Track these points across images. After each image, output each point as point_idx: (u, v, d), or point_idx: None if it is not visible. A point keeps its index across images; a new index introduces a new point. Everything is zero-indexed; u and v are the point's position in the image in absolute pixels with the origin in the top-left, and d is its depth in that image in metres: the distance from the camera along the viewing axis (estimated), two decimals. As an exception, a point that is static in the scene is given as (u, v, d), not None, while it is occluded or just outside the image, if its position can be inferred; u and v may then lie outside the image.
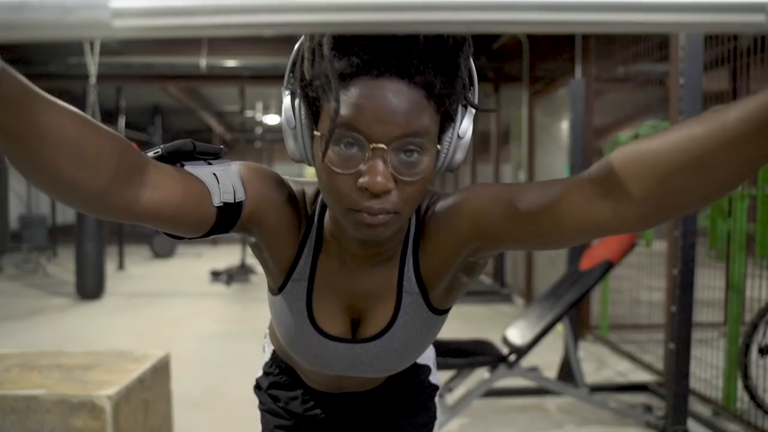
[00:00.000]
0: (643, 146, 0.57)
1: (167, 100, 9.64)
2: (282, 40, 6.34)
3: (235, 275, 7.05)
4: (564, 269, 4.11)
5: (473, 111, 0.70)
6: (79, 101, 6.13)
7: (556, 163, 5.21)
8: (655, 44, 3.47)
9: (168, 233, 0.69)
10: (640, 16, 0.36)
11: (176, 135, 13.39)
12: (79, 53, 5.76)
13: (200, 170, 0.67)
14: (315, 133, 0.67)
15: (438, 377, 1.07)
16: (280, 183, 0.76)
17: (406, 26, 0.36)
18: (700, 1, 0.36)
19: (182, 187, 0.64)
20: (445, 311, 0.83)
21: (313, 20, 0.36)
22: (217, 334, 4.56)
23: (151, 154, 0.66)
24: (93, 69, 5.54)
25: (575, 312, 3.37)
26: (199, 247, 11.78)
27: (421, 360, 1.03)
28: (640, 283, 4.38)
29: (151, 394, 2.09)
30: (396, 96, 0.61)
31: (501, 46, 6.22)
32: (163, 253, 9.91)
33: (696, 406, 2.93)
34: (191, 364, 3.69)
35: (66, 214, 11.13)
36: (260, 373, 1.06)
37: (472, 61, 0.69)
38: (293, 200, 0.78)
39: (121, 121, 8.03)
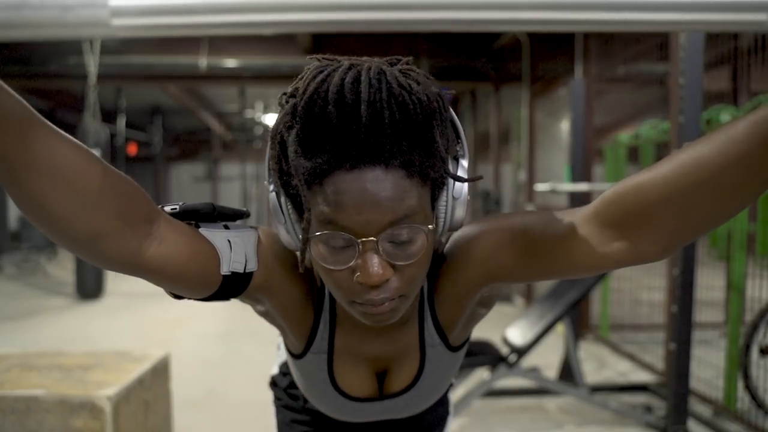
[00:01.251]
0: (647, 177, 0.56)
1: (167, 100, 9.64)
2: (282, 40, 6.34)
3: (235, 275, 7.05)
4: (564, 269, 4.11)
5: (465, 165, 0.66)
6: (79, 101, 6.13)
7: (556, 163, 5.21)
8: (655, 44, 3.47)
9: (168, 291, 0.67)
10: (640, 15, 0.36)
11: (176, 135, 13.40)
12: (79, 53, 5.76)
13: (215, 234, 0.65)
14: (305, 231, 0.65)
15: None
16: (294, 255, 0.74)
17: (406, 26, 0.36)
18: (701, 1, 0.36)
19: (190, 247, 0.62)
20: (464, 343, 0.84)
21: (313, 19, 0.36)
22: (217, 334, 4.56)
23: (167, 209, 0.64)
24: (93, 69, 5.54)
25: (575, 312, 3.37)
26: (199, 247, 11.79)
27: None
28: (640, 283, 4.38)
29: (150, 394, 2.09)
30: (375, 184, 0.57)
31: (501, 46, 6.22)
32: (163, 253, 9.91)
33: (696, 406, 2.93)
34: (191, 364, 3.69)
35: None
36: (276, 370, 1.05)
37: (453, 113, 0.64)
38: (307, 273, 0.76)
39: (121, 121, 8.03)
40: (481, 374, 2.92)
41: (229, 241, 0.66)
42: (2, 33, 0.35)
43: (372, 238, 0.59)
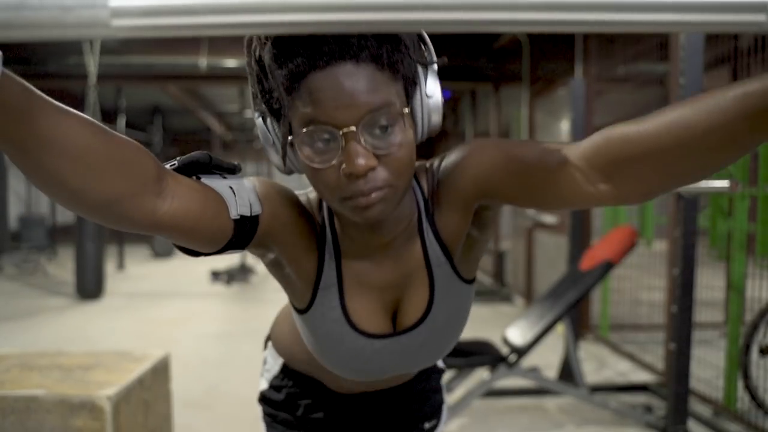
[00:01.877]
0: (636, 129, 0.59)
1: (167, 100, 9.64)
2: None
3: (235, 275, 7.05)
4: (564, 269, 4.11)
5: (435, 68, 0.70)
6: (79, 101, 6.13)
7: (556, 163, 5.20)
8: (655, 44, 3.47)
9: (182, 248, 0.68)
10: (640, 16, 0.36)
11: (176, 135, 13.39)
12: (79, 53, 5.76)
13: (216, 183, 0.67)
14: (289, 138, 0.67)
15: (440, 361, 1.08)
16: (292, 197, 0.77)
17: (406, 26, 0.36)
18: (700, 1, 0.36)
19: (200, 198, 0.63)
20: (472, 281, 0.83)
21: (313, 20, 0.36)
22: (217, 334, 4.56)
23: (167, 166, 0.65)
24: (93, 69, 5.54)
25: (575, 312, 3.38)
26: (199, 247, 11.78)
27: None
28: (640, 283, 4.38)
29: (151, 394, 2.09)
30: (348, 78, 0.61)
31: (501, 46, 6.22)
32: (163, 253, 9.91)
33: (696, 406, 2.93)
34: (191, 364, 3.69)
35: (66, 214, 11.13)
36: (265, 386, 1.03)
37: None
38: (305, 212, 0.78)
39: (121, 121, 8.03)
40: (481, 374, 2.92)
41: (231, 187, 0.68)
42: (2, 33, 0.35)
43: (352, 127, 0.62)
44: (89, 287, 5.85)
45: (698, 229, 2.26)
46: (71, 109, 0.52)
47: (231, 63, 6.28)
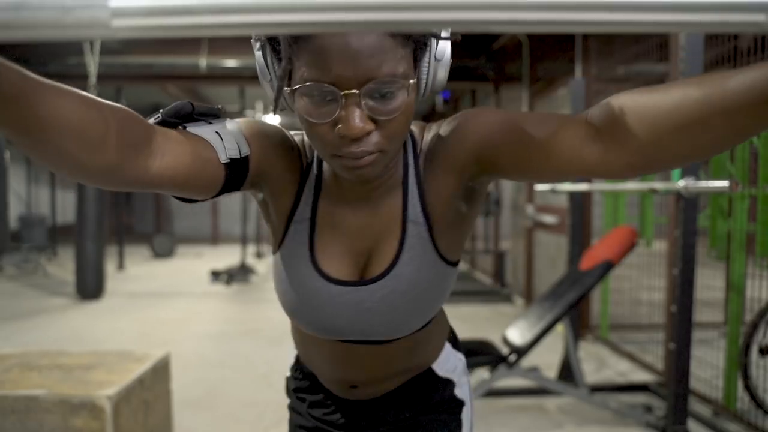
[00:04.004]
0: (643, 99, 0.59)
1: (167, 100, 9.63)
2: (282, 40, 6.34)
3: (235, 275, 7.05)
4: (564, 269, 4.11)
5: (446, 32, 0.69)
6: (79, 101, 6.11)
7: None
8: (655, 44, 3.47)
9: (181, 198, 0.70)
10: (640, 16, 0.36)
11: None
12: (79, 53, 5.76)
13: (202, 130, 0.69)
14: (288, 87, 0.68)
15: (467, 391, 0.99)
16: (281, 134, 0.77)
17: (406, 26, 0.36)
18: (700, 1, 0.36)
19: (189, 149, 0.65)
20: (452, 263, 0.80)
21: (313, 20, 0.36)
22: (217, 334, 4.56)
23: (151, 120, 0.67)
24: (93, 69, 5.54)
25: (575, 312, 3.37)
26: (199, 247, 11.79)
27: (442, 371, 0.95)
28: (640, 283, 4.38)
29: (151, 394, 2.09)
30: (359, 39, 0.60)
31: (501, 46, 6.22)
32: (163, 253, 9.91)
33: (696, 406, 2.93)
34: (191, 364, 3.69)
35: (66, 214, 11.13)
36: (289, 373, 1.05)
37: None
38: (294, 149, 0.78)
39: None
40: (481, 374, 2.92)
41: (217, 132, 0.69)
42: (2, 33, 0.35)
43: (354, 90, 0.62)
44: (89, 287, 5.85)
45: (698, 229, 2.26)
46: (65, 87, 0.54)
47: (231, 63, 6.28)
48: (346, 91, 0.62)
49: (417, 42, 0.66)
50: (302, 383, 1.00)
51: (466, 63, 6.43)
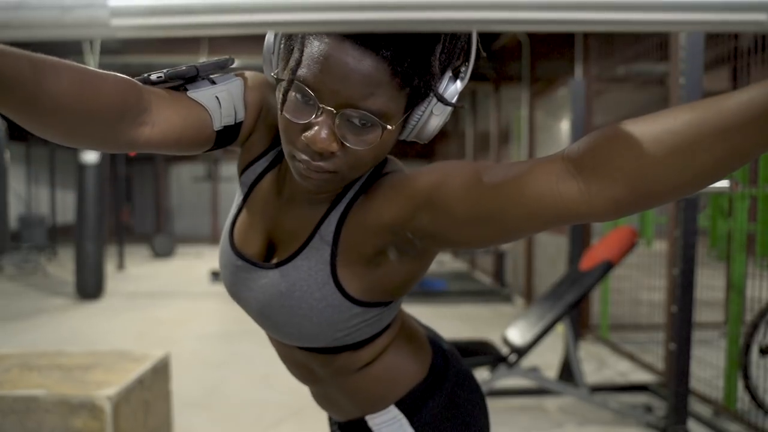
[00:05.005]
0: (628, 127, 0.51)
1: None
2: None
3: (235, 275, 7.04)
4: (564, 269, 4.11)
5: (459, 88, 0.67)
6: (79, 101, 6.12)
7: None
8: (655, 44, 3.47)
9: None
10: (640, 15, 0.36)
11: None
12: (79, 53, 5.76)
13: (203, 94, 0.71)
14: (272, 75, 0.69)
15: None
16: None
17: (406, 25, 0.36)
18: (701, 1, 0.36)
19: (182, 119, 0.68)
20: (355, 300, 0.73)
21: (313, 20, 0.36)
22: (217, 334, 4.56)
23: (153, 77, 0.68)
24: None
25: (575, 312, 3.38)
26: (199, 246, 11.78)
27: (376, 426, 0.85)
28: (640, 283, 4.38)
29: (151, 394, 2.09)
30: (357, 63, 0.60)
31: (501, 46, 6.22)
32: (163, 253, 9.91)
33: (696, 406, 2.93)
34: (191, 364, 3.69)
35: (66, 214, 11.13)
36: None
37: (476, 36, 0.67)
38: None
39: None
40: (481, 374, 2.92)
41: (217, 97, 0.71)
42: (2, 33, 0.35)
43: (332, 109, 0.61)
44: (89, 287, 5.85)
45: (698, 229, 2.26)
46: (60, 63, 0.57)
47: (231, 63, 6.28)
48: (325, 106, 0.61)
49: (416, 89, 0.64)
50: None
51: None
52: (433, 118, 0.67)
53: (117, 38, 0.37)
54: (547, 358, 3.60)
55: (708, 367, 3.08)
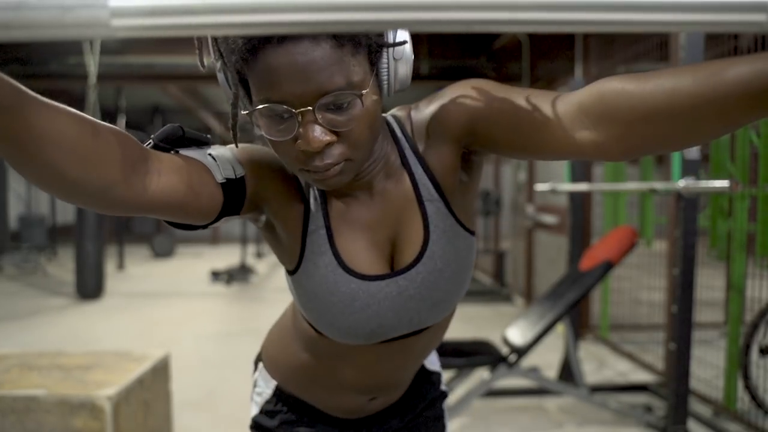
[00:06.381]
0: (634, 87, 0.58)
1: (167, 100, 9.64)
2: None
3: (235, 275, 7.05)
4: (564, 269, 4.11)
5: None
6: (79, 101, 6.13)
7: (556, 163, 5.20)
8: (655, 44, 3.47)
9: (178, 224, 0.69)
10: (640, 15, 0.36)
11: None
12: (79, 53, 5.76)
13: (196, 153, 0.69)
14: (243, 112, 0.68)
15: (442, 379, 1.04)
16: (271, 153, 0.76)
17: (406, 26, 0.36)
18: (701, 1, 0.36)
19: (185, 171, 0.65)
20: (472, 232, 0.79)
21: (313, 20, 0.36)
22: (217, 334, 4.56)
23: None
24: (93, 69, 5.54)
25: (575, 312, 3.38)
26: (199, 247, 11.78)
27: (429, 364, 0.99)
28: (640, 283, 4.38)
29: (150, 394, 2.09)
30: (305, 56, 0.60)
31: (501, 46, 6.22)
32: (163, 253, 9.91)
33: (696, 406, 2.93)
34: (191, 364, 3.69)
35: (66, 214, 11.13)
36: (256, 411, 0.97)
37: None
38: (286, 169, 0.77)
39: (121, 121, 8.03)
40: (481, 374, 2.92)
41: (210, 154, 0.69)
42: (2, 33, 0.35)
43: (308, 108, 0.61)
44: (89, 287, 5.85)
45: (698, 229, 2.26)
46: (58, 104, 0.53)
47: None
48: (300, 109, 0.62)
49: (369, 46, 0.65)
50: (289, 416, 0.93)
51: (466, 63, 6.43)
52: (400, 63, 0.67)
53: (117, 38, 0.37)
54: (547, 358, 3.60)
55: (708, 367, 3.08)
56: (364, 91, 0.64)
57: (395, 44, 0.66)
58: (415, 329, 0.81)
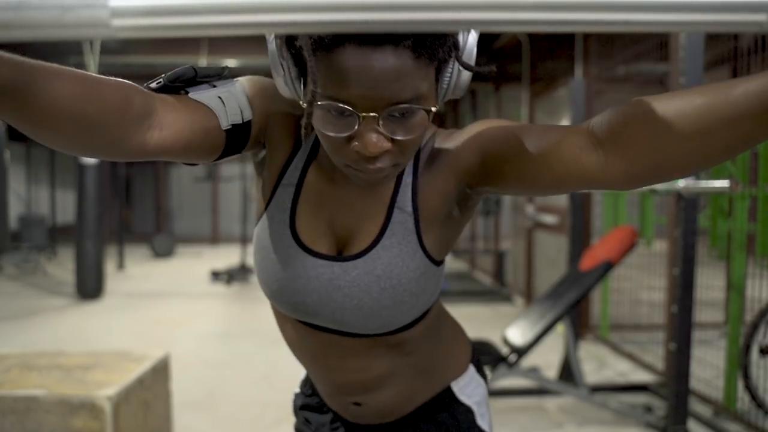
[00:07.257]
0: (645, 107, 0.58)
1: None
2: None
3: (235, 275, 7.05)
4: (564, 269, 4.11)
5: (472, 42, 0.68)
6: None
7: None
8: (655, 44, 3.47)
9: (183, 161, 0.71)
10: (640, 16, 0.36)
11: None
12: (79, 53, 5.77)
13: (205, 95, 0.68)
14: (302, 101, 0.67)
15: (488, 421, 0.96)
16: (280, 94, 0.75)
17: (406, 26, 0.36)
18: (701, 1, 0.36)
19: (189, 119, 0.65)
20: (435, 262, 0.76)
21: (313, 20, 0.36)
22: (217, 334, 4.56)
23: (153, 84, 0.67)
24: (93, 69, 5.54)
25: (575, 312, 3.38)
26: (199, 246, 11.78)
27: (463, 395, 0.91)
28: (640, 283, 4.38)
29: (150, 394, 2.09)
30: (382, 64, 0.59)
31: (501, 46, 6.22)
32: (163, 253, 9.91)
33: (696, 406, 2.93)
34: (191, 364, 3.69)
35: (66, 214, 11.13)
36: (297, 389, 1.01)
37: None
38: (297, 107, 0.75)
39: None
40: (481, 374, 2.92)
41: (219, 97, 0.69)
42: (2, 33, 0.35)
43: (373, 114, 0.61)
44: (89, 287, 5.85)
45: (698, 229, 2.26)
46: (61, 68, 0.54)
47: (231, 63, 6.28)
48: (365, 114, 0.61)
49: (441, 59, 0.65)
50: (311, 400, 0.95)
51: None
52: (463, 73, 0.67)
53: (117, 38, 0.37)
54: (547, 358, 3.60)
55: (708, 367, 3.08)
56: (433, 108, 0.64)
57: (464, 65, 0.66)
58: (338, 326, 0.78)
